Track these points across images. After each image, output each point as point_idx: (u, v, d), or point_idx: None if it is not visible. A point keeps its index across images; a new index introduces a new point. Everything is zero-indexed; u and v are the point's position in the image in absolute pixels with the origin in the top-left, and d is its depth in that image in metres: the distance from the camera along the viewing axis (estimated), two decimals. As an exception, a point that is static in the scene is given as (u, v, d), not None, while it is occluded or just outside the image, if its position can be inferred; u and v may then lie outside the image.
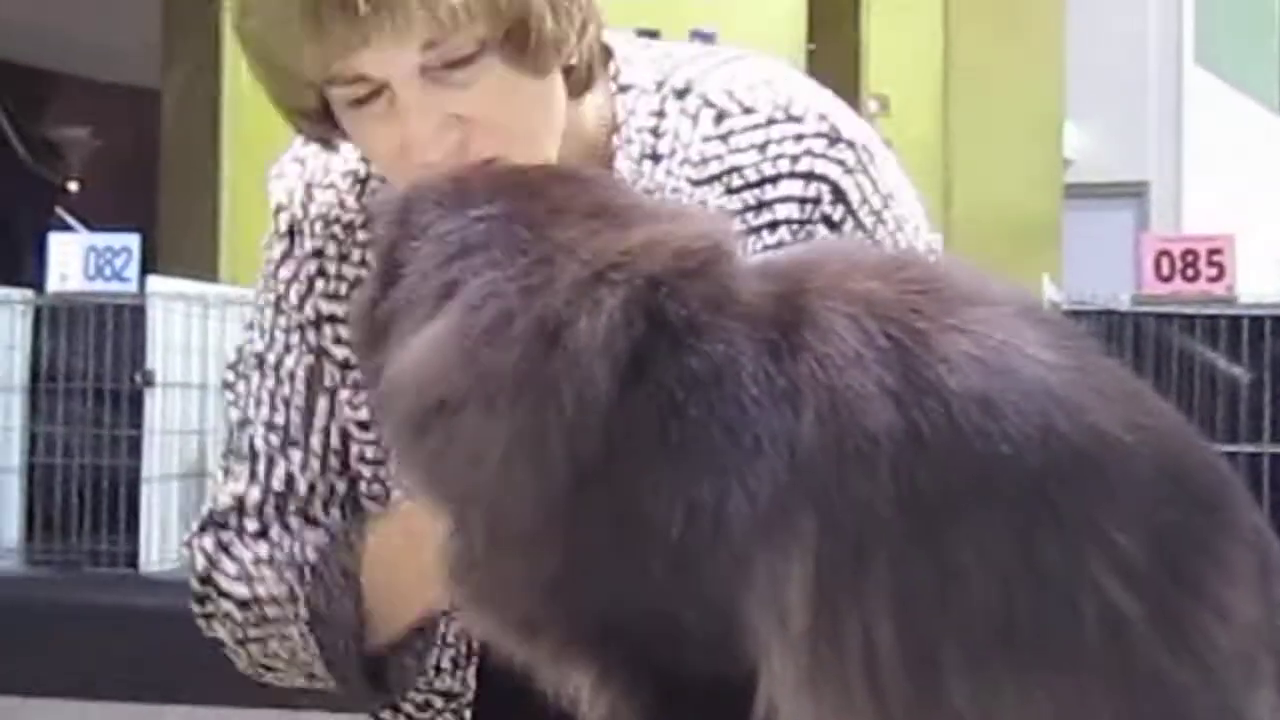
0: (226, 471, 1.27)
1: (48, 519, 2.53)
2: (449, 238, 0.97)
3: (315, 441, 1.28)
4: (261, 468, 1.27)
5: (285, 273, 1.29)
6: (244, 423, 1.28)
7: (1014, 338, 0.94)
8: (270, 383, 1.28)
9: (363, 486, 1.27)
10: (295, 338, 1.28)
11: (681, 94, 1.25)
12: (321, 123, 1.18)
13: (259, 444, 1.27)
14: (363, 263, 1.29)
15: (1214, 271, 2.30)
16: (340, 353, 1.27)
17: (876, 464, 0.90)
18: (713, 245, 0.97)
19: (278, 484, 1.26)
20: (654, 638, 0.92)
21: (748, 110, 1.23)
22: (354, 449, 1.27)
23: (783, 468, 0.90)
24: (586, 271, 0.94)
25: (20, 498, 2.90)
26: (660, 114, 1.23)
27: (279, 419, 1.27)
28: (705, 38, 3.75)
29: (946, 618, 0.90)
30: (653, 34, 3.90)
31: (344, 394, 1.27)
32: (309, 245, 1.30)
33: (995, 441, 0.91)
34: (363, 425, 1.26)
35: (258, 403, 1.28)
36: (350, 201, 1.28)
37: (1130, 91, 5.58)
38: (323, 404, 1.28)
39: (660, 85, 1.25)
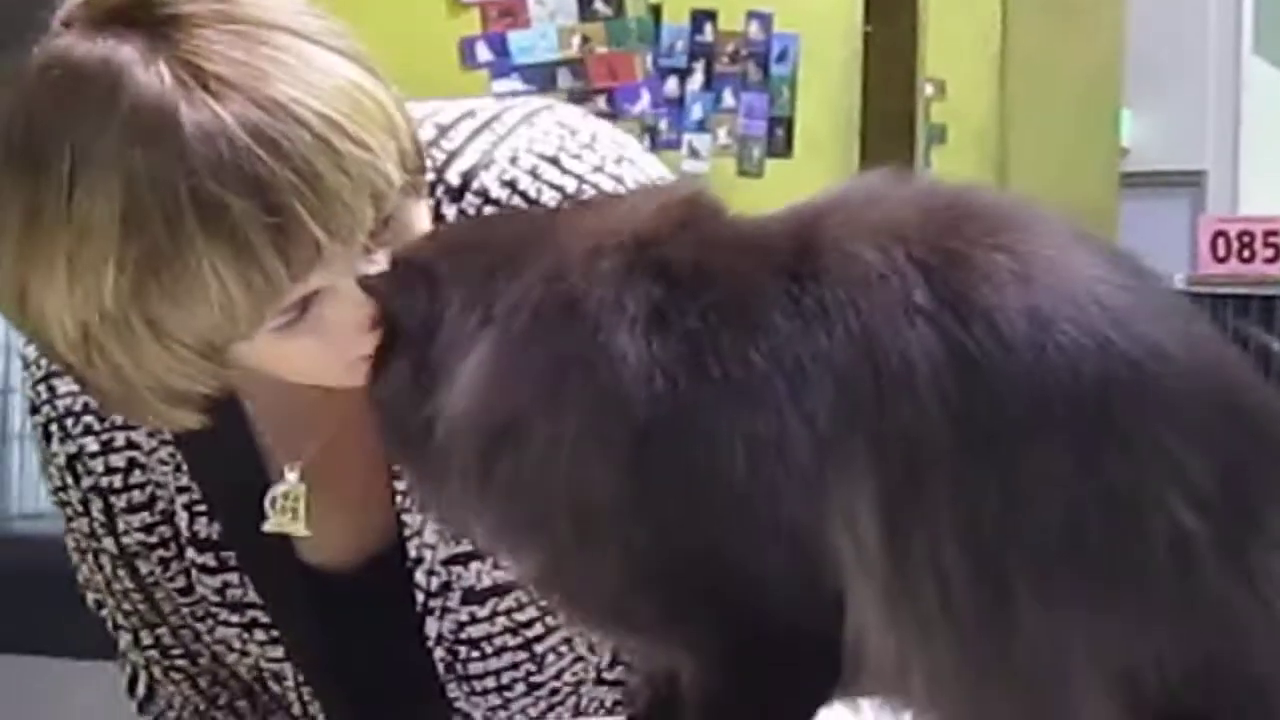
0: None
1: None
2: (474, 273, 0.98)
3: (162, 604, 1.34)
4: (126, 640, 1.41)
5: (55, 481, 1.34)
6: (99, 604, 1.43)
7: (1061, 254, 0.92)
8: (96, 575, 1.36)
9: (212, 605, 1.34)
10: (99, 529, 1.33)
11: (459, 193, 1.24)
12: (197, 402, 1.16)
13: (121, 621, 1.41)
14: (130, 445, 1.31)
15: (1270, 253, 2.29)
16: (136, 520, 1.34)
17: (915, 384, 0.89)
18: (693, 198, 0.98)
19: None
20: (742, 590, 0.92)
21: (534, 204, 1.23)
22: (199, 589, 1.34)
23: (829, 387, 0.90)
24: (587, 246, 0.95)
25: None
26: (439, 218, 1.23)
27: (125, 605, 1.35)
28: (762, 19, 3.75)
29: (1013, 538, 0.89)
30: (711, 15, 3.89)
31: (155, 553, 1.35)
32: (61, 452, 1.33)
33: (1048, 354, 0.89)
34: (201, 545, 1.33)
35: (97, 590, 1.36)
36: None
37: (1188, 81, 5.54)
38: (144, 569, 1.34)
39: (434, 186, 1.24)
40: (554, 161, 1.26)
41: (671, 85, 3.67)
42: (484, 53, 3.55)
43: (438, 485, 0.99)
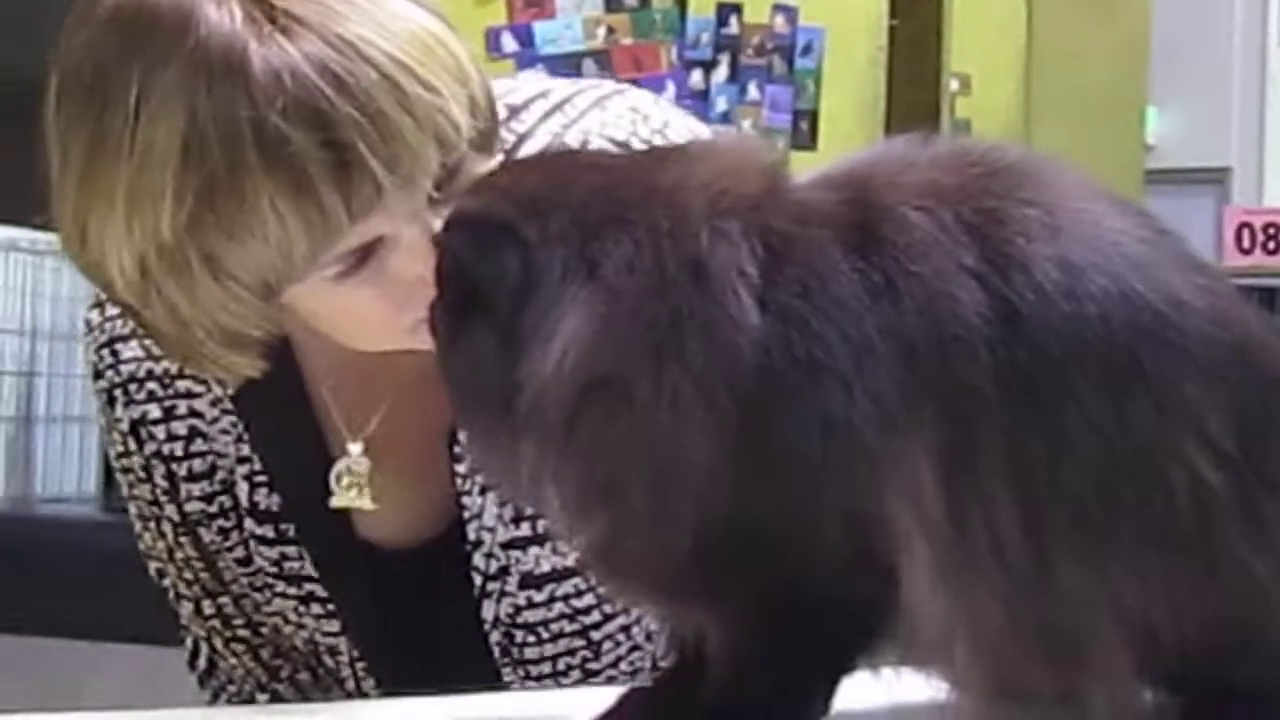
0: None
1: (126, 468, 2.57)
2: (570, 231, 0.94)
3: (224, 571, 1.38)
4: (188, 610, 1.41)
5: (119, 447, 1.34)
6: (161, 573, 1.42)
7: (1085, 205, 0.93)
8: (158, 543, 1.36)
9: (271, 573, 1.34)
10: (161, 496, 1.34)
11: None
12: (252, 347, 1.15)
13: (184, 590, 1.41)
14: (192, 414, 1.32)
15: (1296, 245, 2.28)
16: (197, 489, 1.34)
17: (974, 346, 0.89)
18: (774, 165, 0.98)
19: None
20: (790, 560, 0.92)
21: None
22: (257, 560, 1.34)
23: (897, 363, 0.90)
24: (704, 201, 0.94)
25: (99, 447, 2.94)
26: None
27: (187, 574, 1.36)
28: (788, 12, 3.75)
29: (1057, 489, 0.89)
30: (736, 8, 3.87)
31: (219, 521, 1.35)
32: (125, 417, 1.33)
33: (1080, 300, 0.90)
34: (260, 517, 1.33)
35: (160, 559, 1.41)
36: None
37: (1214, 77, 5.52)
38: (206, 537, 1.34)
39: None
40: (625, 146, 1.26)
41: (696, 77, 3.67)
42: (510, 43, 3.55)
43: (512, 447, 0.94)
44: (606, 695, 1.00)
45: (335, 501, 1.31)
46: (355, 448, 1.31)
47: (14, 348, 2.89)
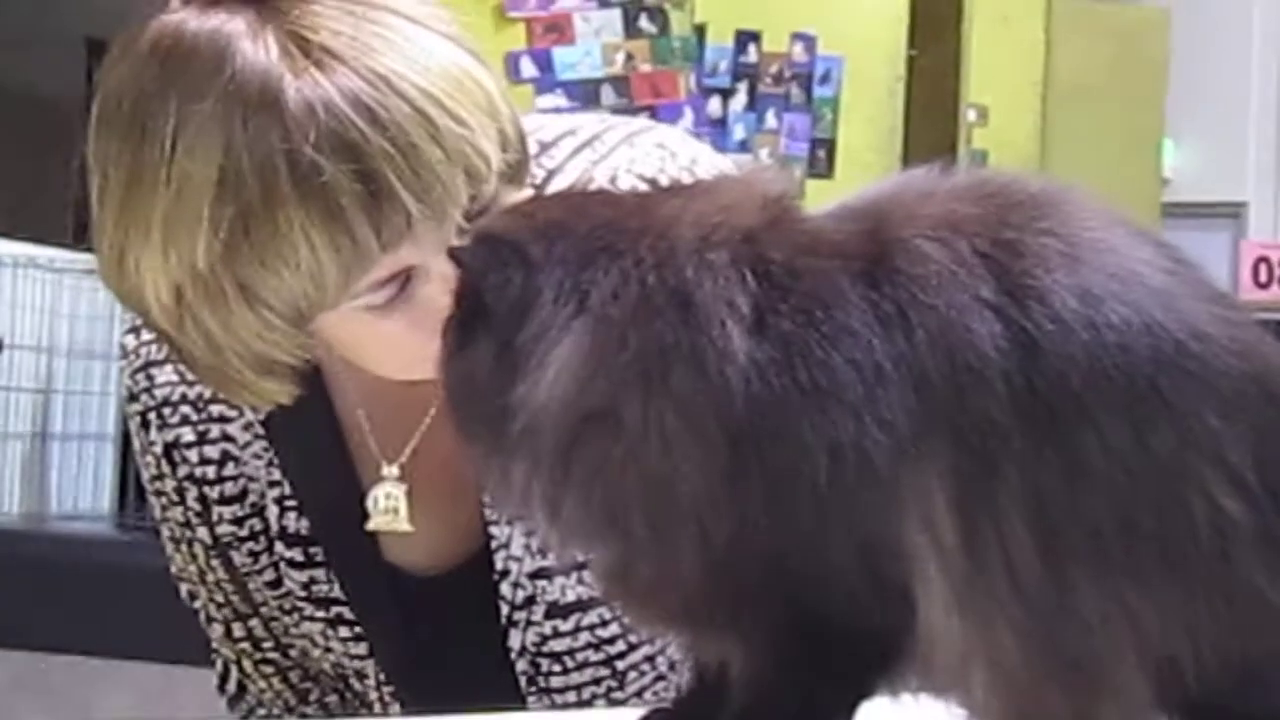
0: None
1: (141, 486, 2.57)
2: (570, 257, 0.95)
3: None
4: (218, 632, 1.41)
5: (152, 469, 1.35)
6: (192, 595, 1.41)
7: (1105, 235, 0.93)
8: (190, 565, 1.37)
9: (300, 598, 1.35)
10: (193, 519, 1.34)
11: None
12: (285, 373, 1.17)
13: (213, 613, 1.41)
14: (225, 438, 1.33)
15: (1313, 280, 2.29)
16: (228, 512, 1.34)
17: (990, 378, 0.89)
18: (784, 195, 0.98)
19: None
20: (807, 588, 0.92)
21: None
22: (287, 583, 1.34)
23: (909, 392, 0.90)
24: (695, 235, 0.94)
25: (113, 464, 2.95)
26: None
27: (218, 596, 1.36)
28: (807, 41, 3.76)
29: (1075, 517, 0.89)
30: (755, 36, 3.88)
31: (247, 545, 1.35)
32: (159, 440, 1.34)
33: (1101, 331, 0.90)
34: (290, 540, 1.33)
35: (191, 581, 1.39)
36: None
37: (1231, 112, 5.53)
38: (237, 560, 1.36)
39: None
40: (653, 182, 1.27)
41: (714, 105, 3.68)
42: (529, 68, 3.57)
43: (505, 465, 0.95)
44: (628, 717, 1.00)
45: (372, 524, 1.32)
46: (392, 470, 1.32)
47: (31, 365, 2.90)
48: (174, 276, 1.10)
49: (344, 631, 1.35)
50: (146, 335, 1.32)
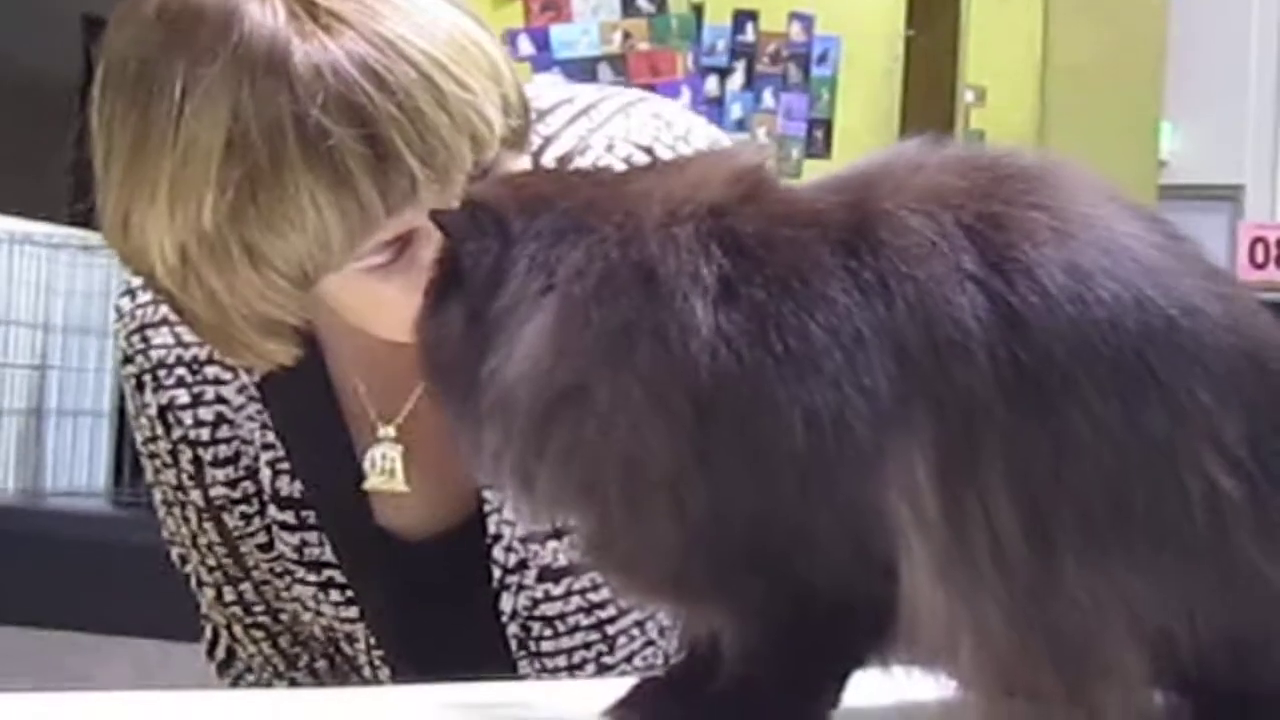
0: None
1: (136, 462, 2.58)
2: (545, 232, 0.96)
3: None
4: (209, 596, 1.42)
5: (146, 431, 1.36)
6: (183, 559, 1.42)
7: (1094, 210, 0.93)
8: (181, 528, 1.37)
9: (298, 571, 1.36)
10: (186, 481, 1.34)
11: None
12: (288, 334, 1.18)
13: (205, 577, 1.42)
14: (220, 400, 1.33)
15: (1310, 261, 2.29)
16: (221, 474, 1.35)
17: (972, 350, 0.89)
18: (759, 168, 0.98)
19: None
20: (791, 557, 0.92)
21: None
22: (279, 545, 1.35)
23: (890, 360, 0.90)
24: (661, 211, 0.95)
25: (109, 441, 2.96)
26: None
27: (210, 559, 1.37)
28: (804, 21, 3.76)
29: (1059, 492, 0.89)
30: (753, 15, 3.88)
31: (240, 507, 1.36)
32: (154, 402, 1.34)
33: (1089, 306, 0.89)
34: (283, 503, 1.34)
35: (183, 545, 1.41)
36: (189, 334, 1.26)
37: (1229, 95, 5.53)
38: (230, 523, 1.37)
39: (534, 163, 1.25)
40: (648, 151, 1.28)
41: (712, 84, 3.68)
42: (526, 46, 3.56)
43: (476, 430, 0.96)
44: (619, 686, 1.00)
45: (369, 484, 1.33)
46: (389, 431, 1.33)
47: (26, 341, 2.90)
48: (179, 237, 1.12)
49: (335, 595, 1.36)
50: (142, 298, 1.33)
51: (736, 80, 3.71)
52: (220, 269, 1.12)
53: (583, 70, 3.54)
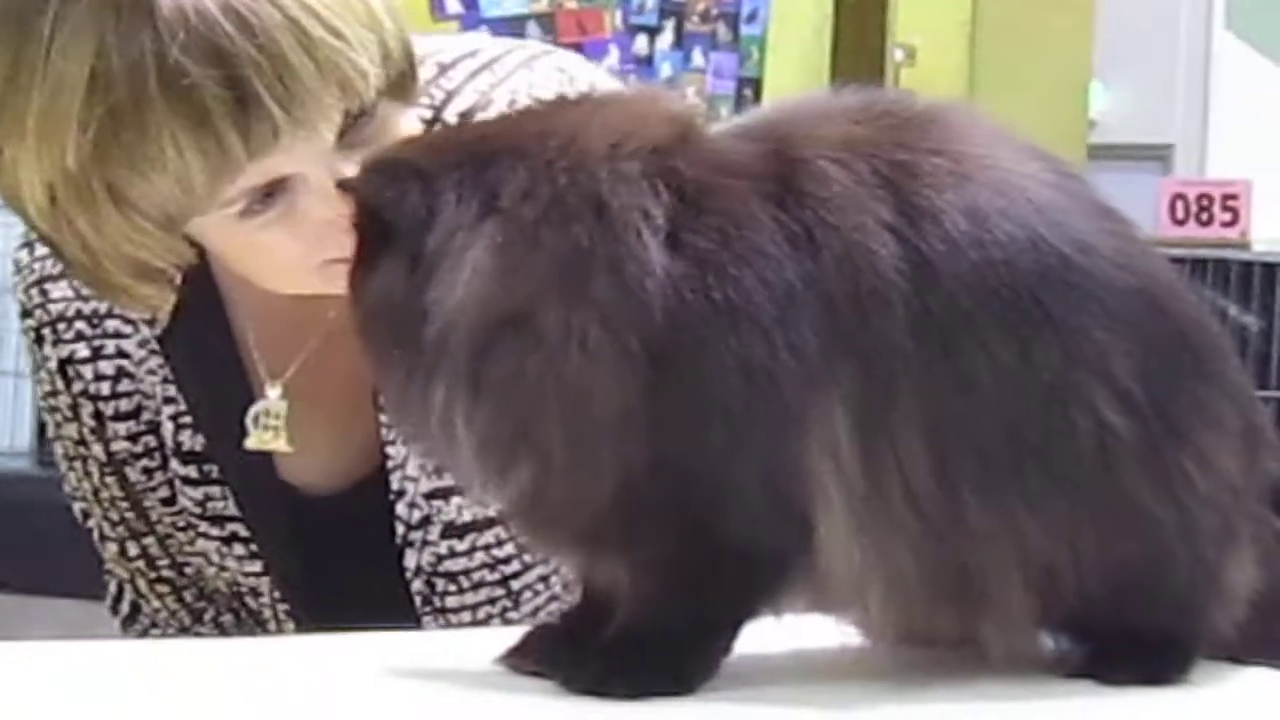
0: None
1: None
2: (466, 162, 0.94)
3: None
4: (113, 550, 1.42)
5: (46, 386, 1.36)
6: (85, 514, 1.43)
7: (990, 151, 0.94)
8: (84, 482, 1.36)
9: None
10: (88, 435, 1.34)
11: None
12: (161, 279, 1.18)
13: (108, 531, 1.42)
14: (120, 354, 1.33)
15: (1228, 217, 2.30)
16: (123, 428, 1.35)
17: (890, 299, 0.90)
18: (690, 113, 0.98)
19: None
20: (713, 510, 0.92)
21: None
22: (181, 500, 1.36)
23: (818, 315, 0.91)
24: (605, 143, 0.94)
25: (32, 401, 2.93)
26: None
27: (112, 514, 1.36)
28: (732, -21, 3.75)
29: (966, 433, 0.90)
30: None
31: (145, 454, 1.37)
32: (54, 356, 1.34)
33: (987, 248, 0.91)
34: (185, 457, 1.34)
35: (85, 500, 1.42)
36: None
37: (1159, 55, 5.55)
38: (132, 477, 1.37)
39: (431, 125, 1.25)
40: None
41: (641, 43, 3.67)
42: (454, 4, 3.55)
43: (423, 389, 0.94)
44: (518, 635, 1.01)
45: (250, 443, 1.33)
46: (273, 391, 1.33)
47: (-52, 302, 2.88)
48: (47, 176, 1.12)
49: (239, 549, 1.36)
50: (40, 250, 1.33)
51: (666, 39, 3.70)
52: (86, 210, 1.13)
53: (511, 28, 3.52)
